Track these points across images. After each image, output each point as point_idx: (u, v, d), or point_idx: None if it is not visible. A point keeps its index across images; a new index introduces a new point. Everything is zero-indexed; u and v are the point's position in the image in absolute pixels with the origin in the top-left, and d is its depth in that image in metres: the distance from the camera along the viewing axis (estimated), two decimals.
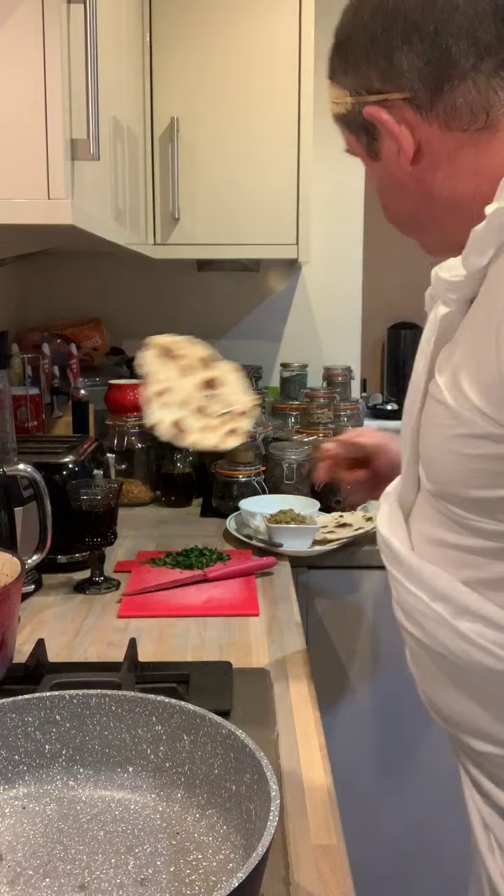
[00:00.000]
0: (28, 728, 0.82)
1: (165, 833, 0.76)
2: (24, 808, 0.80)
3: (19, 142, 1.01)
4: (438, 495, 0.77)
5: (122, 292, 2.49)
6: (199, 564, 1.55)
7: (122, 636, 1.25)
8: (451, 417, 0.72)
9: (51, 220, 1.04)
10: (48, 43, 1.00)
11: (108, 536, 1.46)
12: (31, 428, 1.92)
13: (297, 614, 1.38)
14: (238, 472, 1.90)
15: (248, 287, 2.51)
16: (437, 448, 0.75)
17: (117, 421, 2.04)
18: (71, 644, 1.25)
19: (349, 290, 2.52)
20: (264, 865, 0.61)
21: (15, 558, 1.06)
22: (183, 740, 0.79)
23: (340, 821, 0.86)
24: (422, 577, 0.79)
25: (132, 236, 1.71)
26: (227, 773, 0.75)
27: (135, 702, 0.82)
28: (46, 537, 1.34)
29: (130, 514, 1.91)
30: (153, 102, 2.00)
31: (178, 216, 2.01)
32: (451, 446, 0.73)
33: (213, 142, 2.01)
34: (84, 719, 0.82)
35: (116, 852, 0.74)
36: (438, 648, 0.78)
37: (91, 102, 1.06)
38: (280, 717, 1.04)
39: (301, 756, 0.96)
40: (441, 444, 0.74)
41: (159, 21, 1.97)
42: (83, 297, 2.48)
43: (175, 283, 2.49)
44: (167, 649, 1.23)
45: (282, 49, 1.96)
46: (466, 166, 0.77)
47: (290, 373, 2.41)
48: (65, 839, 0.76)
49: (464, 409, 0.70)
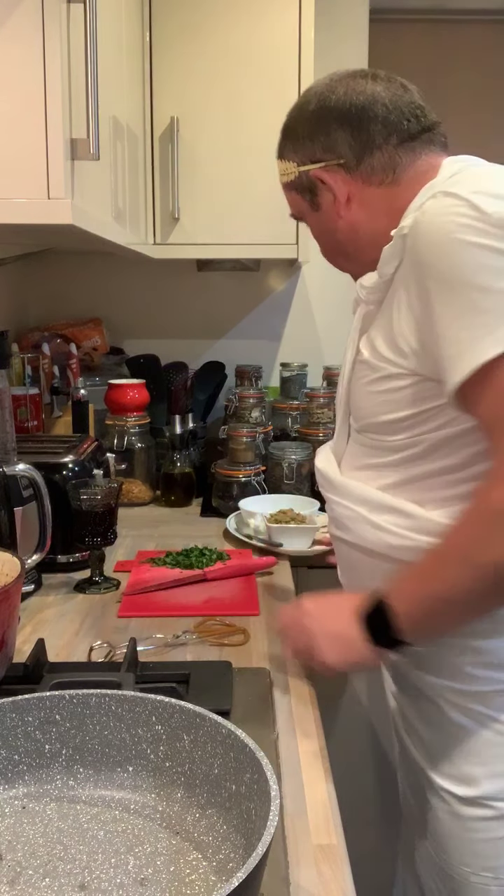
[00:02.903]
0: (28, 728, 0.82)
1: (165, 833, 0.76)
2: (24, 808, 0.80)
3: (19, 141, 1.01)
4: (362, 429, 1.09)
5: (122, 292, 2.49)
6: (199, 564, 1.55)
7: (122, 636, 1.25)
8: (368, 369, 1.06)
9: (50, 220, 1.04)
10: (48, 43, 1.00)
11: (107, 536, 1.46)
12: (30, 428, 1.91)
13: None
14: (238, 471, 1.90)
15: (248, 287, 2.51)
16: (361, 395, 1.08)
17: (117, 421, 2.04)
18: (71, 644, 1.25)
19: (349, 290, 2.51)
20: (264, 865, 0.61)
21: (15, 558, 1.06)
22: (183, 740, 0.79)
23: (340, 821, 0.86)
24: (348, 490, 1.10)
25: (132, 236, 1.71)
26: (226, 773, 0.75)
27: (135, 701, 0.82)
28: (46, 537, 1.34)
29: (130, 514, 1.91)
30: (153, 102, 1.99)
31: (178, 216, 2.01)
32: (369, 388, 1.06)
33: (213, 142, 2.01)
34: (84, 719, 0.82)
35: (116, 852, 0.74)
36: (362, 543, 1.08)
37: (91, 102, 1.06)
38: (280, 717, 1.04)
39: (301, 756, 0.96)
40: (362, 390, 1.07)
41: (159, 21, 1.97)
42: (83, 297, 2.48)
43: (175, 282, 2.49)
44: (167, 649, 1.23)
45: (282, 48, 1.96)
46: (381, 209, 1.08)
47: (290, 373, 2.41)
48: (65, 839, 0.76)
49: (377, 360, 1.04)
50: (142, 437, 2.04)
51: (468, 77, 2.70)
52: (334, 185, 1.10)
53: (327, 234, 1.16)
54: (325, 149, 1.09)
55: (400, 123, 1.07)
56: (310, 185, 1.12)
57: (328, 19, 2.26)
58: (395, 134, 1.07)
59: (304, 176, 1.12)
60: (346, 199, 1.10)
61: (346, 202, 1.10)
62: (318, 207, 1.14)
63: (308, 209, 1.15)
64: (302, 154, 1.12)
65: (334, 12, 2.31)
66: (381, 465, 1.07)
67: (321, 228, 1.16)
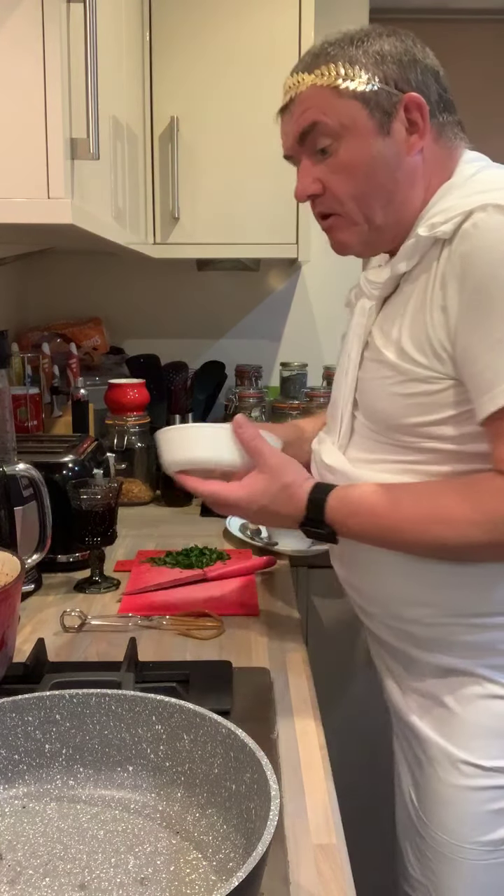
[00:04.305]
0: (28, 727, 0.82)
1: (165, 832, 0.76)
2: (24, 808, 0.80)
3: (19, 141, 1.01)
4: (383, 430, 1.06)
5: (122, 292, 2.49)
6: (199, 564, 1.55)
7: (121, 635, 1.25)
8: (391, 371, 1.02)
9: (50, 220, 1.04)
10: (48, 42, 1.00)
11: (107, 536, 1.46)
12: (30, 427, 1.91)
13: (297, 614, 1.38)
14: None
15: (248, 286, 2.51)
16: (380, 396, 1.05)
17: (117, 420, 2.04)
18: (71, 644, 1.25)
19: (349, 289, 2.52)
20: (264, 865, 0.61)
21: (15, 558, 1.06)
22: (183, 740, 0.79)
23: (340, 820, 0.86)
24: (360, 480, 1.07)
25: (132, 236, 1.71)
26: (226, 773, 0.75)
27: (135, 701, 0.82)
28: (46, 537, 1.34)
29: (130, 514, 1.91)
30: (153, 102, 1.99)
31: (178, 216, 2.01)
32: (393, 390, 1.02)
33: (213, 142, 2.01)
34: (84, 719, 0.82)
35: (116, 851, 0.74)
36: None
37: (91, 102, 1.06)
38: (280, 717, 1.04)
39: (301, 756, 0.96)
40: (382, 392, 1.04)
41: (159, 21, 1.97)
42: (83, 297, 2.48)
43: (175, 282, 2.49)
44: (167, 649, 1.23)
45: (282, 48, 1.96)
46: (427, 176, 1.04)
47: (290, 372, 2.41)
48: (65, 838, 0.76)
49: (406, 363, 1.00)
50: (142, 437, 2.04)
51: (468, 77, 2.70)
52: (421, 119, 1.02)
53: (382, 169, 1.04)
54: (416, 85, 1.03)
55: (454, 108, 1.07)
56: (389, 104, 1.02)
57: (328, 20, 2.25)
58: (456, 114, 1.07)
59: (386, 94, 1.02)
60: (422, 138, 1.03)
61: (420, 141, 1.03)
62: (387, 132, 1.03)
63: (371, 129, 1.03)
64: (387, 72, 1.02)
65: (334, 12, 2.31)
66: (403, 461, 1.04)
67: (376, 160, 1.04)
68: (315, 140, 1.05)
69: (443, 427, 1.00)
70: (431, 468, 1.02)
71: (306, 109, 1.04)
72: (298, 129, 1.06)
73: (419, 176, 1.05)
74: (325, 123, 1.03)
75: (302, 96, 1.05)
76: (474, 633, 1.05)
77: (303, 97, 1.05)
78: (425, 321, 0.98)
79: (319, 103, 1.03)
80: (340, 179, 1.05)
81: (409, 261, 1.01)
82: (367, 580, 1.13)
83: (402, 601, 1.08)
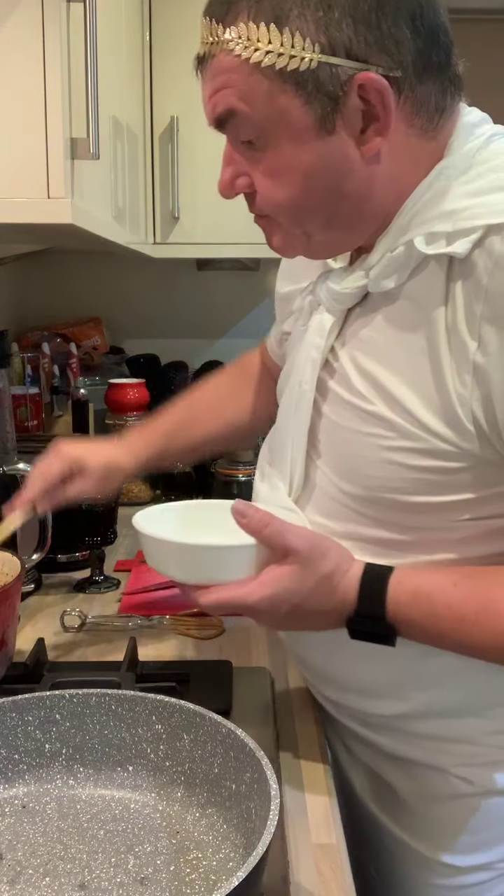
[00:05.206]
0: (28, 727, 0.82)
1: (165, 832, 0.76)
2: (24, 808, 0.80)
3: (19, 141, 1.01)
4: (367, 499, 0.80)
5: (122, 292, 2.49)
6: None
7: (121, 635, 1.25)
8: (390, 430, 0.76)
9: (50, 220, 1.04)
10: (48, 42, 1.00)
11: (108, 536, 1.46)
12: (30, 427, 1.91)
13: None
14: (238, 471, 1.89)
15: (247, 286, 2.51)
16: (368, 456, 0.78)
17: (117, 420, 2.04)
18: (71, 644, 1.25)
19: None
20: (264, 865, 0.61)
21: (15, 558, 1.06)
22: (183, 739, 0.79)
23: (341, 821, 0.86)
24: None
25: (132, 236, 1.71)
26: (227, 773, 0.75)
27: (135, 701, 0.82)
28: (46, 536, 1.34)
29: (130, 514, 1.89)
30: (153, 102, 1.99)
31: (178, 215, 2.01)
32: (387, 456, 0.77)
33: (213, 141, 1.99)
34: (84, 718, 0.82)
35: (116, 851, 0.74)
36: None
37: (91, 102, 1.06)
38: (280, 717, 1.04)
39: (301, 756, 0.96)
40: (372, 453, 0.78)
41: (159, 21, 1.97)
42: (83, 297, 2.48)
43: (175, 282, 2.49)
44: (167, 649, 1.23)
45: None
46: (398, 169, 0.75)
47: None
48: (65, 838, 0.76)
49: (410, 425, 0.75)
50: None
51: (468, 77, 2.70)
52: (381, 109, 0.70)
53: (322, 179, 0.75)
54: (380, 46, 0.69)
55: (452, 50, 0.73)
56: (334, 89, 0.70)
57: None
58: (451, 65, 0.74)
59: (329, 70, 0.69)
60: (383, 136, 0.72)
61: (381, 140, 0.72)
62: (331, 129, 0.72)
63: (308, 125, 0.72)
64: (333, 33, 0.68)
65: None
66: (388, 542, 0.80)
67: (314, 167, 0.74)
68: (236, 129, 0.78)
69: (454, 511, 0.77)
70: (422, 557, 0.79)
71: (221, 87, 0.76)
72: (213, 112, 0.79)
73: (379, 184, 0.75)
74: (244, 114, 0.75)
75: (215, 62, 0.76)
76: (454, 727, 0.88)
77: (216, 64, 0.76)
78: (446, 381, 0.73)
79: (236, 81, 0.74)
80: (269, 185, 0.79)
81: (398, 274, 0.76)
82: (319, 656, 0.94)
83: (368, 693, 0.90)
